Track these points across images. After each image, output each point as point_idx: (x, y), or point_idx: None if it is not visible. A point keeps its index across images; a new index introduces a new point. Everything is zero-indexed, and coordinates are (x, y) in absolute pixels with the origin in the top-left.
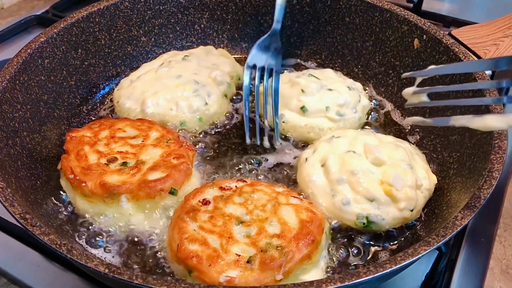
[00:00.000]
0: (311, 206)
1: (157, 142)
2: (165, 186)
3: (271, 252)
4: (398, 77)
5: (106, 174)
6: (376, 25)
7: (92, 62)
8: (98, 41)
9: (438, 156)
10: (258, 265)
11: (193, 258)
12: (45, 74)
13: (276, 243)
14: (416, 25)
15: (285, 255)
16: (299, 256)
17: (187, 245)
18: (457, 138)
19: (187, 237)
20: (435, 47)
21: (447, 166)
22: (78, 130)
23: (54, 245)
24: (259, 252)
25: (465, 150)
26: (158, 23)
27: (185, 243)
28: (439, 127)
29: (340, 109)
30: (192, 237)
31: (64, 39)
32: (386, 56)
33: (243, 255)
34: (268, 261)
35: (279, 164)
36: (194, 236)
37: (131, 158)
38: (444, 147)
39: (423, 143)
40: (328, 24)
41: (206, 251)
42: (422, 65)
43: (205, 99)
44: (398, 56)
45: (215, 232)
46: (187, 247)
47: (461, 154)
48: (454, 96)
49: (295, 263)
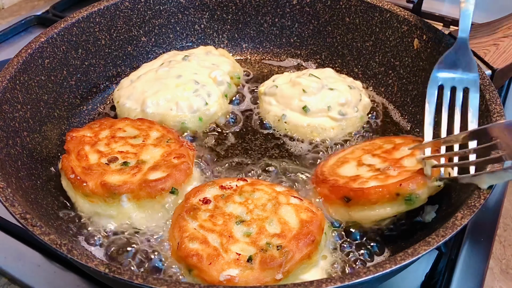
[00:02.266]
0: (311, 206)
1: (158, 142)
2: (166, 186)
3: (271, 252)
4: (398, 77)
5: (107, 174)
6: (376, 25)
7: (92, 62)
8: (98, 41)
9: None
10: (258, 264)
11: (194, 257)
12: (45, 74)
13: (276, 242)
14: (416, 25)
15: (285, 255)
16: (299, 255)
17: (187, 244)
18: None
19: (188, 236)
20: (435, 47)
21: None
22: (78, 130)
23: (55, 245)
24: (259, 251)
25: None
26: (158, 23)
27: (185, 241)
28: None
29: (342, 108)
30: (193, 236)
31: (64, 39)
32: (386, 56)
33: (243, 254)
34: (268, 260)
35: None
36: (194, 235)
37: (132, 158)
38: None
39: None
40: (328, 24)
41: (206, 249)
42: (422, 65)
43: (205, 99)
44: (398, 56)
45: (216, 231)
46: (187, 246)
47: None
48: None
49: (295, 262)
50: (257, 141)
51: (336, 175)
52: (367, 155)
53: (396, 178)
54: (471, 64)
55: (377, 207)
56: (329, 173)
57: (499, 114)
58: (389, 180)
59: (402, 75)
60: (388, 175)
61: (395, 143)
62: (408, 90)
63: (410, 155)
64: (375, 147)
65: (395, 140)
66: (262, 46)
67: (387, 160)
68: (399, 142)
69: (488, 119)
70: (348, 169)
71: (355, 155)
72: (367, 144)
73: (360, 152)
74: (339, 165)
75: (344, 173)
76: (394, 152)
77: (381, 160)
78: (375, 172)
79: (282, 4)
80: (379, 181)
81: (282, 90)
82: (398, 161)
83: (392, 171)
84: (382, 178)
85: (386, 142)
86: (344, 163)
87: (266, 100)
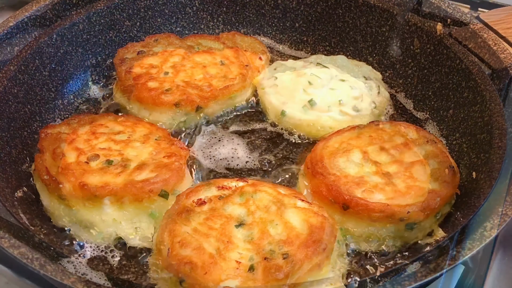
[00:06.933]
0: (321, 210)
1: (145, 139)
2: (154, 188)
3: (276, 260)
4: (418, 67)
5: (87, 174)
6: (393, 7)
7: (68, 49)
8: (75, 25)
9: (464, 157)
10: (261, 274)
11: (186, 265)
12: (14, 64)
13: (281, 249)
14: (439, 8)
15: (292, 264)
16: (308, 266)
17: (179, 250)
18: (486, 136)
19: (179, 241)
20: (461, 33)
21: (475, 169)
22: (54, 126)
23: (25, 260)
24: (262, 259)
25: (495, 150)
26: (143, 5)
27: (176, 247)
28: (464, 124)
29: (356, 102)
30: (185, 241)
31: (36, 24)
32: (404, 43)
33: (243, 262)
34: (273, 270)
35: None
36: (187, 240)
37: (115, 156)
38: (471, 147)
39: (448, 142)
40: (338, 6)
41: (201, 256)
42: (446, 53)
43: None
44: (418, 43)
45: (212, 235)
46: (179, 252)
47: (490, 155)
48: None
49: (303, 273)
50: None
51: (337, 169)
52: (375, 146)
53: (404, 198)
54: None
55: (375, 224)
56: (329, 163)
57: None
58: (396, 197)
59: (424, 64)
60: (396, 187)
61: (407, 137)
62: (430, 82)
63: (422, 163)
64: (384, 137)
65: (407, 133)
66: (263, 31)
67: (397, 162)
68: (412, 138)
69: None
70: (352, 162)
71: (361, 142)
72: (375, 130)
73: (366, 140)
74: (341, 153)
75: (346, 168)
76: (405, 152)
77: (390, 160)
78: (381, 177)
79: None
80: (385, 195)
81: (283, 82)
82: (409, 168)
83: (401, 183)
84: (388, 191)
85: (396, 134)
86: (348, 151)
87: (266, 92)
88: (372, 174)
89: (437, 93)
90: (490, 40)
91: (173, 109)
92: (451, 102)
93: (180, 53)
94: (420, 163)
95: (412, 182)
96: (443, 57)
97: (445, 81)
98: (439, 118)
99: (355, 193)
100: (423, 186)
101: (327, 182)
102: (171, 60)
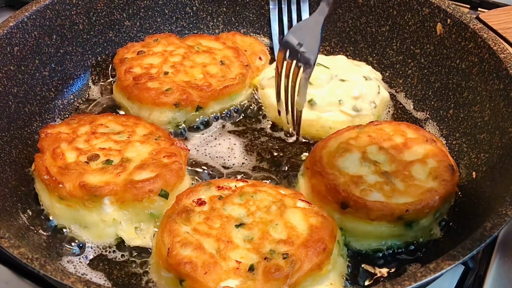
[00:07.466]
0: (321, 210)
1: (145, 139)
2: (154, 187)
3: (276, 260)
4: (418, 67)
5: (87, 173)
6: (393, 7)
7: (68, 49)
8: (75, 25)
9: (464, 157)
10: (261, 274)
11: (186, 265)
12: (14, 64)
13: (281, 249)
14: (439, 8)
15: (292, 264)
16: (308, 266)
17: (179, 250)
18: (486, 136)
19: (179, 241)
20: (461, 33)
21: (475, 169)
22: (54, 126)
23: (25, 260)
24: (262, 259)
25: (495, 150)
26: (143, 5)
27: (176, 247)
28: (464, 124)
29: (356, 102)
30: (185, 241)
31: (36, 24)
32: (404, 43)
33: (243, 262)
34: (273, 270)
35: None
36: (187, 240)
37: (115, 156)
38: (471, 147)
39: (448, 142)
40: (338, 6)
41: (201, 256)
42: (446, 53)
43: None
44: (418, 43)
45: (212, 235)
46: (179, 252)
47: (490, 155)
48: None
49: (304, 273)
50: (256, 137)
51: (336, 169)
52: (374, 146)
53: (403, 196)
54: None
55: (374, 223)
56: (328, 163)
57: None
58: (395, 195)
59: (423, 64)
60: (394, 187)
61: (406, 136)
62: (430, 82)
63: (422, 162)
64: (383, 137)
65: (407, 132)
66: (263, 31)
67: (395, 161)
68: (411, 137)
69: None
70: (351, 162)
71: (360, 142)
72: (374, 130)
73: (365, 139)
74: (340, 153)
75: (345, 167)
76: (404, 151)
77: (389, 159)
78: (380, 177)
79: None
80: (383, 194)
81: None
82: (408, 166)
83: (399, 183)
84: (387, 191)
85: (396, 133)
86: (347, 151)
87: (266, 92)
88: (371, 173)
89: (437, 93)
90: (490, 40)
91: (173, 109)
92: (451, 102)
93: (180, 53)
94: (419, 162)
95: (411, 181)
96: (443, 57)
97: (445, 81)
98: (439, 118)
99: (353, 192)
100: (422, 185)
101: (326, 181)
102: (171, 60)
